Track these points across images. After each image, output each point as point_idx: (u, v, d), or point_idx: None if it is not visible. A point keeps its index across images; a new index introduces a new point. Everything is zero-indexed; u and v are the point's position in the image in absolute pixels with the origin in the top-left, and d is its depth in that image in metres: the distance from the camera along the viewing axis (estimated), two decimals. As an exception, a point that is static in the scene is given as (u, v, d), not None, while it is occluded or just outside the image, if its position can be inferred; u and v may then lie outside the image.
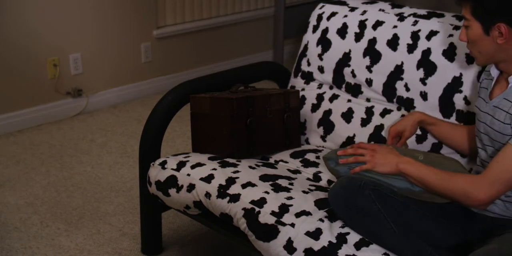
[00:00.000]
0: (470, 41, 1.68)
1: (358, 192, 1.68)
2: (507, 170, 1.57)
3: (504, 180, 1.57)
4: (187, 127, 3.49)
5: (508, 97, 1.64)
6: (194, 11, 4.06)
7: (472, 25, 1.65)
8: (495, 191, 1.58)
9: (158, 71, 4.01)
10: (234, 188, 1.93)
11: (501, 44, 1.61)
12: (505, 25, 1.58)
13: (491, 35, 1.61)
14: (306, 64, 2.47)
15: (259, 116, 2.14)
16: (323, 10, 2.46)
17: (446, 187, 1.65)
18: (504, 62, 1.66)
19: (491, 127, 1.70)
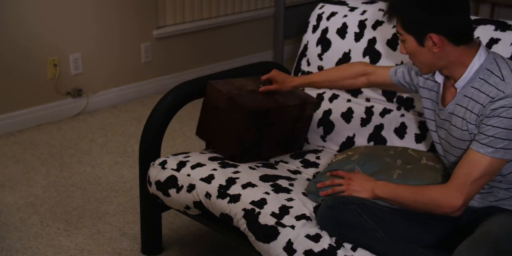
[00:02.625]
0: (409, 53, 1.73)
1: (343, 208, 1.73)
2: (470, 172, 1.61)
3: (470, 183, 1.61)
4: (187, 127, 3.49)
5: (461, 103, 1.68)
6: (194, 11, 4.06)
7: (407, 39, 1.69)
8: (465, 195, 1.62)
9: (158, 71, 4.01)
10: (234, 188, 1.93)
11: (437, 53, 1.65)
12: (436, 35, 1.63)
13: (425, 45, 1.66)
14: (306, 64, 2.46)
15: (272, 125, 2.11)
16: (323, 10, 2.46)
17: (419, 201, 1.69)
18: (447, 68, 1.70)
19: (450, 134, 1.73)
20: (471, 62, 1.65)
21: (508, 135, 1.58)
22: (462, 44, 1.65)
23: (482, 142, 1.60)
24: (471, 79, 1.66)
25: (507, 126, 1.57)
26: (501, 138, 1.58)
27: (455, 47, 1.65)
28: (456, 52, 1.65)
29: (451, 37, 1.63)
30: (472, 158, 1.62)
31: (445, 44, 1.64)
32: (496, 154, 1.59)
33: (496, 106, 1.58)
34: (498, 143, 1.58)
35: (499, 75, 1.61)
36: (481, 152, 1.60)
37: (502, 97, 1.58)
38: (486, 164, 1.60)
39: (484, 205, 1.73)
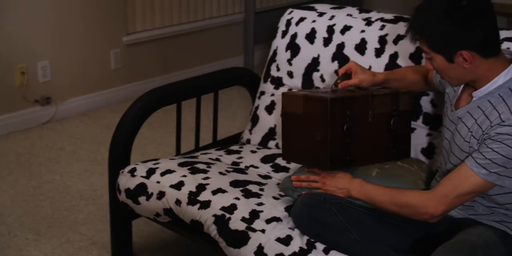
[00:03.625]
0: (437, 70, 1.68)
1: (319, 207, 1.72)
2: (457, 187, 1.61)
3: (454, 196, 1.61)
4: (158, 133, 3.47)
5: (472, 112, 1.66)
6: (164, 17, 4.04)
7: (434, 57, 1.63)
8: (446, 206, 1.62)
9: (128, 77, 3.98)
10: (204, 194, 1.92)
11: (468, 68, 1.61)
12: (466, 51, 1.58)
13: (455, 62, 1.61)
14: (275, 69, 2.47)
15: (359, 121, 1.83)
16: (292, 16, 2.47)
17: (397, 205, 1.68)
18: (473, 81, 1.66)
19: (453, 138, 1.72)
20: (496, 76, 1.61)
21: (505, 163, 1.56)
22: (491, 56, 1.60)
23: (478, 162, 1.58)
24: (490, 92, 1.63)
25: (507, 154, 1.55)
26: (497, 163, 1.56)
27: (485, 60, 1.59)
28: (486, 65, 1.60)
29: (481, 51, 1.58)
30: (464, 173, 1.60)
31: (475, 59, 1.59)
32: (488, 177, 1.58)
33: (503, 131, 1.56)
34: (493, 167, 1.57)
35: None
36: (475, 171, 1.59)
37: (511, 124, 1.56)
38: (475, 184, 1.59)
39: (463, 217, 1.73)
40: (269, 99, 2.43)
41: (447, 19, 1.56)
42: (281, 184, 1.93)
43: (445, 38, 1.58)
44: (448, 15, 1.55)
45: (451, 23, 1.56)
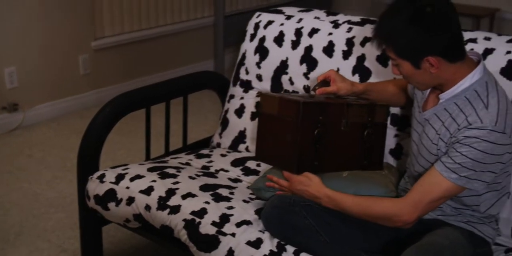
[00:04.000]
0: (404, 76, 1.69)
1: (289, 210, 1.72)
2: (429, 193, 1.62)
3: (427, 202, 1.62)
4: (128, 139, 3.44)
5: (439, 115, 1.67)
6: (133, 22, 4.02)
7: (401, 63, 1.64)
8: (419, 212, 1.63)
9: (97, 83, 3.94)
10: (174, 199, 1.91)
11: (435, 73, 1.62)
12: (433, 57, 1.59)
13: (422, 68, 1.62)
14: (244, 73, 2.47)
15: (332, 128, 1.83)
16: (260, 19, 2.47)
17: (369, 214, 1.69)
18: (440, 85, 1.68)
19: (420, 140, 1.74)
20: (463, 79, 1.63)
21: (474, 166, 1.57)
22: (457, 61, 1.61)
23: (448, 166, 1.59)
24: (456, 95, 1.64)
25: (475, 157, 1.56)
26: (467, 167, 1.57)
27: (451, 64, 1.60)
28: (452, 69, 1.61)
29: (447, 56, 1.60)
30: (434, 179, 1.61)
31: (441, 64, 1.60)
32: (458, 182, 1.59)
33: (470, 134, 1.57)
34: (463, 171, 1.58)
35: (485, 101, 1.59)
36: (445, 175, 1.59)
37: (479, 126, 1.56)
38: (446, 188, 1.60)
39: (431, 217, 1.75)
40: (239, 103, 2.43)
41: (412, 26, 1.56)
42: (252, 186, 1.93)
43: (411, 45, 1.59)
44: (413, 22, 1.56)
45: (416, 30, 1.56)
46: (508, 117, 1.59)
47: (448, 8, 1.59)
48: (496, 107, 1.58)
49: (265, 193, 1.87)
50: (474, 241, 1.69)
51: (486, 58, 1.92)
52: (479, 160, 1.57)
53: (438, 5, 1.57)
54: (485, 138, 1.55)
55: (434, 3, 1.56)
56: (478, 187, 1.61)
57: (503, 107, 1.59)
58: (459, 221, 1.73)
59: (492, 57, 1.91)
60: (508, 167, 1.67)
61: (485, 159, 1.57)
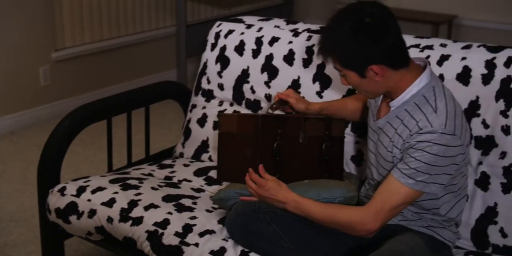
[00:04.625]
0: (352, 86, 1.73)
1: (253, 217, 1.73)
2: (389, 200, 1.64)
3: (387, 210, 1.64)
4: (91, 150, 3.40)
5: (391, 122, 1.70)
6: (93, 32, 3.99)
7: (347, 74, 1.67)
8: (381, 220, 1.65)
9: (59, 94, 3.89)
10: (136, 211, 1.90)
11: (380, 81, 1.66)
12: (375, 65, 1.63)
13: (367, 76, 1.65)
14: (206, 82, 2.47)
15: (290, 141, 1.88)
16: (221, 28, 2.48)
17: (333, 222, 1.70)
18: (388, 92, 1.72)
19: (377, 149, 1.76)
20: (410, 85, 1.66)
21: (429, 170, 1.59)
22: (401, 68, 1.64)
23: (404, 172, 1.61)
24: (405, 101, 1.67)
25: (429, 161, 1.58)
26: (422, 171, 1.60)
27: (395, 71, 1.64)
28: (397, 76, 1.64)
29: (389, 63, 1.63)
30: (392, 186, 1.63)
31: (385, 71, 1.63)
32: (415, 186, 1.61)
33: (422, 138, 1.59)
34: (419, 176, 1.60)
35: (433, 105, 1.62)
36: (402, 181, 1.61)
37: (429, 131, 1.59)
38: (405, 194, 1.62)
39: (393, 223, 1.77)
40: (201, 112, 2.42)
41: (354, 36, 1.60)
42: (214, 197, 1.93)
43: (354, 55, 1.62)
44: (353, 33, 1.60)
45: (358, 40, 1.60)
46: (457, 119, 1.63)
47: (388, 18, 1.63)
48: (445, 110, 1.62)
49: (227, 202, 1.87)
50: (434, 246, 1.71)
51: (443, 64, 1.95)
52: (432, 163, 1.59)
53: (377, 15, 1.60)
54: (436, 141, 1.58)
55: (374, 13, 1.60)
56: (436, 190, 1.64)
57: (451, 110, 1.63)
58: (420, 226, 1.76)
59: (448, 63, 1.95)
60: (462, 168, 1.71)
61: (438, 162, 1.60)
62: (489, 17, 4.64)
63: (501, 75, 1.85)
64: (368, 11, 1.60)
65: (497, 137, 1.84)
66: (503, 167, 1.82)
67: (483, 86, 1.87)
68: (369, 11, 1.60)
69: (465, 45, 1.98)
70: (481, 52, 1.92)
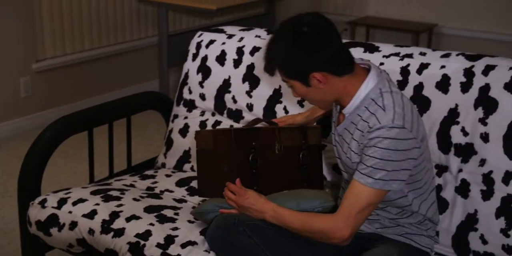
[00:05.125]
0: (301, 96, 1.76)
1: (233, 230, 1.73)
2: (354, 204, 1.64)
3: (355, 214, 1.64)
4: (72, 162, 3.38)
5: (348, 128, 1.73)
6: (75, 43, 3.97)
7: (293, 84, 1.71)
8: (351, 226, 1.65)
9: (40, 105, 3.87)
10: (118, 222, 1.89)
11: (325, 88, 1.68)
12: (317, 73, 1.66)
13: (312, 85, 1.68)
14: (187, 92, 2.47)
15: (266, 152, 1.87)
16: (202, 38, 2.48)
17: (308, 230, 1.70)
18: (337, 100, 1.74)
19: (340, 156, 1.79)
20: (357, 91, 1.68)
21: (384, 166, 1.60)
22: (344, 74, 1.67)
23: (362, 172, 1.63)
24: (357, 107, 1.69)
25: (382, 156, 1.60)
26: (378, 168, 1.61)
27: (339, 78, 1.67)
28: (341, 82, 1.68)
29: (331, 70, 1.66)
30: (355, 188, 1.64)
31: (329, 78, 1.66)
32: (375, 185, 1.62)
33: (373, 136, 1.62)
34: (376, 173, 1.61)
35: (381, 104, 1.64)
36: (362, 182, 1.63)
37: (378, 127, 1.61)
38: (369, 195, 1.63)
39: (371, 231, 1.77)
40: (183, 122, 2.42)
41: (293, 46, 1.64)
42: (193, 211, 1.91)
43: (295, 65, 1.67)
44: (293, 43, 1.65)
45: (297, 49, 1.64)
46: (406, 114, 1.64)
47: (327, 26, 1.66)
48: (392, 107, 1.64)
49: (207, 215, 1.86)
50: (410, 254, 1.72)
51: (422, 72, 1.97)
52: (386, 158, 1.60)
53: (316, 24, 1.65)
54: (386, 135, 1.60)
55: (312, 23, 1.64)
56: (397, 187, 1.64)
57: (399, 106, 1.65)
58: (397, 234, 1.76)
59: (427, 72, 1.97)
60: (423, 162, 1.71)
61: (392, 156, 1.60)
62: (469, 26, 4.70)
63: (480, 83, 1.87)
64: (307, 22, 1.65)
65: (476, 145, 1.86)
66: (482, 174, 1.84)
67: (462, 94, 1.89)
68: (308, 22, 1.65)
69: (444, 53, 2.00)
70: (460, 61, 1.94)
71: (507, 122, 1.81)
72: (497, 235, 1.81)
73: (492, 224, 1.82)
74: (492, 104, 1.84)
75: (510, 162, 1.81)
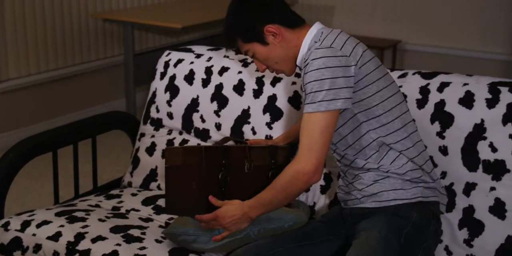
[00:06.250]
0: (265, 61, 1.79)
1: None
2: (311, 133, 1.64)
3: (314, 143, 1.64)
4: (38, 183, 3.33)
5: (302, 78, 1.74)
6: (39, 63, 3.94)
7: (254, 49, 1.77)
8: (314, 157, 1.63)
9: (4, 126, 3.81)
10: (83, 243, 1.86)
11: (281, 42, 1.74)
12: (271, 25, 1.74)
13: (269, 42, 1.74)
14: (155, 111, 2.46)
15: (236, 171, 1.88)
16: (170, 57, 2.48)
17: (283, 188, 1.69)
18: (296, 58, 1.77)
19: None
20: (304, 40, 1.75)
21: (321, 86, 1.62)
22: (296, 26, 1.75)
23: (307, 102, 1.65)
24: (305, 53, 1.73)
25: (316, 77, 1.62)
26: (317, 90, 1.62)
27: (292, 30, 1.74)
28: (294, 35, 1.74)
29: (283, 21, 1.74)
30: (305, 121, 1.65)
31: (282, 31, 1.73)
32: (320, 108, 1.62)
33: (305, 64, 1.67)
34: (317, 96, 1.62)
35: (321, 42, 1.70)
36: (309, 111, 1.63)
37: (310, 56, 1.65)
38: (317, 121, 1.63)
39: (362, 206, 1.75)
40: (150, 141, 2.41)
41: (241, 8, 1.76)
42: (165, 230, 1.89)
43: (248, 23, 1.75)
44: (240, 8, 1.77)
45: (245, 9, 1.76)
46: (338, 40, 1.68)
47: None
48: (331, 39, 1.69)
49: (178, 238, 1.83)
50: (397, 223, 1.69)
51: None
52: (320, 77, 1.62)
53: None
54: (313, 57, 1.65)
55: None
56: (343, 105, 1.63)
57: (338, 39, 1.69)
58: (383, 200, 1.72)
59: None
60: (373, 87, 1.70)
61: (325, 74, 1.63)
62: (432, 42, 4.80)
63: (435, 99, 1.93)
64: None
65: (436, 158, 1.90)
66: (443, 187, 1.87)
67: (418, 110, 1.94)
68: None
69: (401, 73, 2.05)
70: (416, 79, 1.99)
71: (464, 135, 1.87)
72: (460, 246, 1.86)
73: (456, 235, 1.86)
74: (448, 119, 1.89)
75: (470, 173, 1.86)
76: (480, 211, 1.85)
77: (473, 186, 1.86)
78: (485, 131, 1.85)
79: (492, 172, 1.83)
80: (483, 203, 1.84)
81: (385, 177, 1.73)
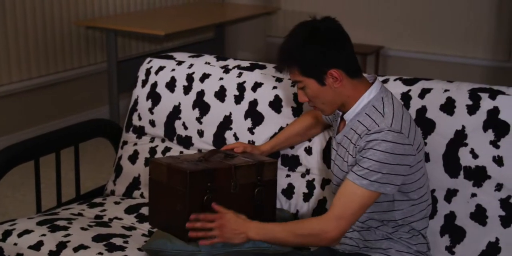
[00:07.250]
0: (311, 98, 1.76)
1: None
2: (348, 204, 1.66)
3: (347, 215, 1.65)
4: (20, 192, 3.30)
5: (347, 135, 1.76)
6: (21, 71, 3.91)
7: (307, 84, 1.72)
8: (342, 226, 1.65)
9: (-14, 134, 3.78)
10: (65, 252, 1.86)
11: (338, 88, 1.72)
12: (335, 70, 1.70)
13: (326, 83, 1.71)
14: (137, 119, 2.45)
15: (221, 192, 1.83)
16: (151, 65, 2.48)
17: (298, 236, 1.69)
18: (343, 105, 1.77)
19: (335, 163, 1.81)
20: (361, 96, 1.72)
21: (380, 168, 1.63)
22: (356, 77, 1.73)
23: (358, 174, 1.65)
24: (358, 113, 1.72)
25: (379, 159, 1.62)
26: (374, 170, 1.63)
27: (351, 80, 1.72)
28: (352, 85, 1.72)
29: (348, 69, 1.70)
30: (349, 189, 1.65)
31: (343, 78, 1.70)
32: (370, 187, 1.64)
33: (370, 138, 1.65)
34: (372, 175, 1.63)
35: (381, 111, 1.69)
36: (357, 183, 1.64)
37: (377, 130, 1.65)
38: (361, 196, 1.64)
39: (361, 245, 1.76)
40: (132, 149, 2.40)
41: (311, 43, 1.68)
42: (145, 246, 1.87)
43: (313, 61, 1.69)
44: (311, 40, 1.68)
45: (316, 45, 1.68)
46: (404, 121, 1.69)
47: (340, 27, 1.73)
48: (391, 113, 1.69)
49: (158, 254, 1.82)
50: None
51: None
52: (383, 160, 1.63)
53: (330, 24, 1.72)
54: (383, 138, 1.64)
55: (329, 26, 1.71)
56: (391, 191, 1.67)
57: (398, 113, 1.70)
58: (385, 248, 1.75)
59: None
60: (418, 174, 1.73)
61: (388, 159, 1.63)
62: (414, 48, 4.84)
63: (416, 106, 1.94)
64: (323, 22, 1.72)
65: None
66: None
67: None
68: (324, 23, 1.72)
69: (383, 79, 2.06)
70: (398, 86, 2.00)
71: (445, 142, 1.88)
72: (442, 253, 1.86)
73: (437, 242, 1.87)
74: (429, 125, 1.90)
75: (451, 180, 1.87)
76: (461, 217, 1.86)
77: (454, 193, 1.87)
78: (466, 137, 1.86)
79: (473, 179, 1.85)
80: (464, 209, 1.86)
81: (395, 242, 1.77)
